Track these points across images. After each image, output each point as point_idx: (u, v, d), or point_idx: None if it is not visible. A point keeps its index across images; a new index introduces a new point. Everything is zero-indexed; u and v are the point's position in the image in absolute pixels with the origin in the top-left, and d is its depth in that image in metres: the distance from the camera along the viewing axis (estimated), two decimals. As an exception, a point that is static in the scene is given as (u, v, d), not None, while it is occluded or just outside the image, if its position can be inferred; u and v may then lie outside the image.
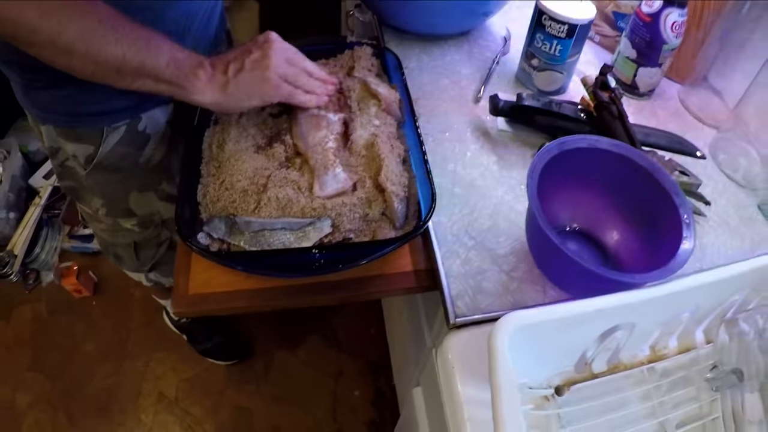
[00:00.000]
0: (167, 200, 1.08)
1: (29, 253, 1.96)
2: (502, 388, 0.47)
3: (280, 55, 0.75)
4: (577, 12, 0.87)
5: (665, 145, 0.86)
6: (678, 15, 0.88)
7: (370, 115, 0.82)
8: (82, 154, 0.93)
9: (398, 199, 0.71)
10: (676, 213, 0.64)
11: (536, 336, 0.54)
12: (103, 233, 1.15)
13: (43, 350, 1.84)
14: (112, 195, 1.02)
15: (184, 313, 0.73)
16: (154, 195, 1.06)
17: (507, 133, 0.88)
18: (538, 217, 0.59)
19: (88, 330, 1.88)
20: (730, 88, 0.94)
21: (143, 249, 1.18)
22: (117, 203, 1.04)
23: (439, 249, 0.70)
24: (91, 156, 0.92)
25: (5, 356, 1.83)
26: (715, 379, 0.65)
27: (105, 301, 1.96)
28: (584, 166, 0.70)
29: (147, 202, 1.06)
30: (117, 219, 1.08)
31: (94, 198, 1.03)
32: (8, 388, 1.74)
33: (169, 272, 1.27)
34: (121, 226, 1.09)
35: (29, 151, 2.21)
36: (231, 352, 1.80)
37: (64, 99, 0.85)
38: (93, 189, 1.01)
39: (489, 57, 1.05)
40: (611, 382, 0.65)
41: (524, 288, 0.68)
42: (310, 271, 0.68)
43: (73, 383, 1.75)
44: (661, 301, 0.58)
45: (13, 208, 2.02)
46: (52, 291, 1.98)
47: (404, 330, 1.23)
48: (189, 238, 0.68)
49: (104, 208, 1.05)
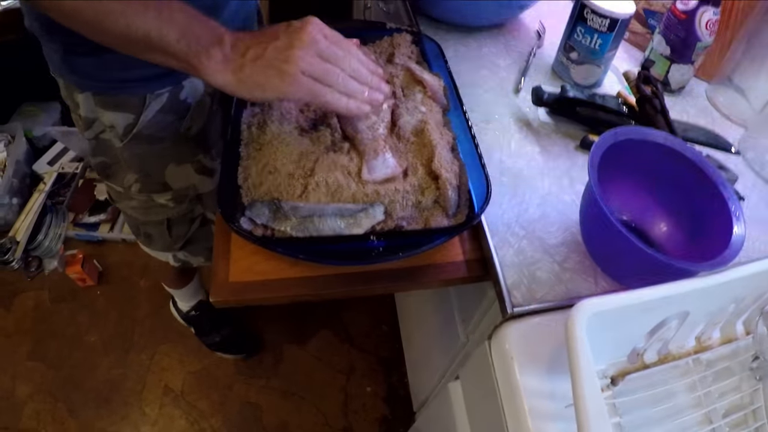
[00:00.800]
0: (203, 173, 1.06)
1: (32, 240, 1.93)
2: (583, 375, 0.48)
3: (309, 47, 0.65)
4: (618, 7, 0.87)
5: (702, 140, 0.87)
6: (713, 13, 0.89)
7: (416, 102, 0.81)
8: (121, 124, 0.90)
9: (452, 186, 0.70)
10: (725, 205, 0.65)
11: (599, 325, 0.54)
12: (135, 211, 1.11)
13: (44, 339, 1.82)
14: (148, 168, 0.99)
15: (225, 302, 0.70)
16: (191, 167, 1.03)
17: (548, 124, 0.88)
18: (603, 206, 0.59)
19: (92, 320, 1.86)
20: (756, 87, 0.96)
21: (176, 225, 1.16)
22: (153, 177, 1.01)
23: (491, 239, 0.70)
24: (131, 125, 0.90)
25: (6, 345, 1.80)
26: (758, 368, 0.66)
27: (110, 291, 1.94)
28: (634, 158, 0.70)
29: (183, 174, 1.03)
30: (151, 194, 1.05)
31: (128, 173, 1.00)
32: (8, 376, 1.72)
33: (199, 251, 1.26)
34: (155, 202, 1.07)
35: (34, 137, 2.19)
36: (240, 346, 1.78)
37: (109, 63, 0.81)
38: (129, 162, 0.98)
39: (524, 49, 1.05)
40: (661, 372, 0.66)
41: (576, 278, 0.68)
42: (369, 259, 0.67)
43: (75, 374, 1.73)
44: (714, 290, 0.60)
45: (17, 193, 2.00)
46: (55, 279, 1.95)
47: (428, 325, 1.22)
48: (236, 224, 0.67)
49: (138, 184, 1.02)
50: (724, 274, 0.60)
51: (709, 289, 0.59)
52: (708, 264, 0.59)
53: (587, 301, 0.52)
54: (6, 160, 2.01)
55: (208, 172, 1.07)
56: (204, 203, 1.15)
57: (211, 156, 1.06)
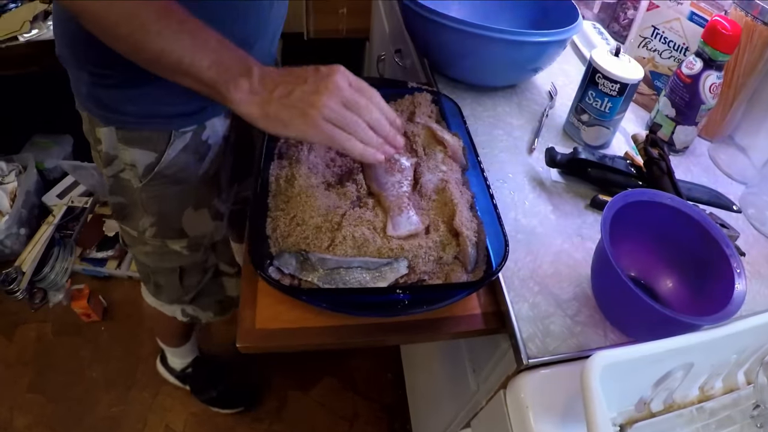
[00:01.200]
0: (218, 219, 1.08)
1: (38, 272, 1.97)
2: (599, 423, 0.52)
3: (334, 95, 0.69)
4: (628, 71, 0.94)
5: (706, 200, 0.92)
6: (716, 77, 0.96)
7: (437, 161, 0.87)
8: (142, 163, 0.91)
9: (471, 243, 0.76)
10: (727, 263, 0.70)
11: (610, 376, 0.59)
12: (148, 257, 1.12)
13: (45, 372, 1.83)
14: (166, 211, 1.01)
15: (251, 348, 0.73)
16: (208, 213, 1.05)
17: (560, 183, 0.94)
18: (614, 265, 0.64)
19: (95, 355, 1.88)
20: (756, 145, 1.02)
21: (189, 275, 1.16)
22: (169, 221, 1.02)
23: (508, 293, 0.75)
24: (152, 164, 0.91)
25: (6, 375, 1.82)
26: (759, 416, 0.71)
27: (114, 327, 1.96)
28: (642, 217, 0.76)
29: (200, 220, 1.05)
30: (166, 240, 1.06)
31: (144, 216, 1.01)
32: (6, 407, 1.73)
33: (209, 305, 1.26)
34: (169, 248, 1.07)
35: (45, 168, 2.24)
36: (237, 399, 1.77)
37: (136, 98, 0.84)
38: (146, 204, 0.98)
39: (537, 109, 1.12)
40: (666, 421, 0.70)
41: (587, 332, 0.73)
42: (395, 311, 0.72)
43: (75, 408, 1.75)
44: (717, 342, 0.64)
45: (25, 224, 2.05)
46: (59, 312, 1.98)
47: (436, 374, 1.26)
48: (265, 273, 0.71)
49: (153, 228, 1.03)
50: (726, 328, 0.64)
51: (713, 342, 0.63)
52: (711, 318, 0.64)
53: (600, 354, 0.57)
54: (16, 189, 2.05)
55: (220, 216, 1.10)
56: (218, 253, 1.16)
57: (222, 200, 1.08)
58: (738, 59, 1.00)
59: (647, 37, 1.14)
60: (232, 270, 1.28)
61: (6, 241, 1.97)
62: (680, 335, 0.62)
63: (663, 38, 1.12)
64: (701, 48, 0.96)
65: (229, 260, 1.26)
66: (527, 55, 1.04)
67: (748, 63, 1.00)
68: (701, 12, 1.04)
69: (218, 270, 1.21)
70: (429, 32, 1.06)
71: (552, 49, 1.04)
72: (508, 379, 0.73)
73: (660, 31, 1.12)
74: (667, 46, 1.12)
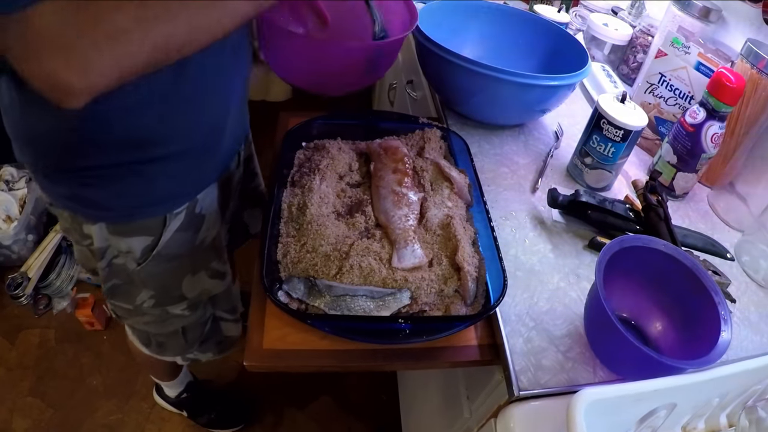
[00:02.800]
0: (217, 277, 1.09)
1: (44, 278, 2.02)
2: None
3: None
4: (632, 118, 1.00)
5: (700, 246, 0.98)
6: (718, 127, 1.01)
7: (443, 197, 0.94)
8: (138, 248, 0.91)
9: (471, 278, 0.82)
10: (714, 310, 0.76)
11: (596, 411, 0.64)
12: (147, 326, 1.12)
13: (46, 377, 1.88)
14: (165, 284, 1.01)
15: (257, 367, 0.77)
16: (205, 274, 1.06)
17: (561, 223, 1.00)
18: (606, 307, 0.70)
19: (96, 363, 1.93)
20: (755, 194, 1.07)
21: (191, 331, 1.17)
22: (169, 291, 1.03)
23: (504, 328, 0.81)
24: (149, 247, 0.92)
25: (7, 378, 1.87)
26: (741, 457, 0.76)
27: (116, 337, 2.01)
28: (637, 262, 0.82)
29: (199, 282, 1.06)
30: (166, 307, 1.06)
31: (142, 291, 1.01)
32: (6, 409, 1.79)
33: (210, 348, 1.29)
34: (170, 314, 1.08)
35: (56, 177, 2.27)
36: (236, 418, 1.80)
37: (122, 191, 0.83)
38: (144, 282, 0.99)
39: (542, 149, 1.18)
40: None
41: (577, 368, 0.79)
42: (396, 340, 0.78)
43: (73, 415, 1.79)
44: (701, 385, 0.69)
45: (33, 230, 2.10)
46: (62, 319, 2.04)
47: (430, 398, 1.31)
48: (274, 296, 0.77)
49: (152, 300, 1.03)
50: (710, 372, 0.69)
51: (696, 385, 0.69)
52: (695, 363, 0.70)
53: (587, 390, 0.62)
54: (26, 196, 2.11)
55: (220, 275, 1.11)
56: (215, 303, 1.18)
57: (223, 260, 1.10)
58: (742, 110, 1.06)
59: (654, 84, 1.21)
60: (230, 316, 1.29)
61: (14, 246, 2.03)
62: (665, 377, 0.67)
63: (669, 85, 1.18)
64: (705, 98, 1.01)
65: (229, 308, 1.26)
66: (536, 97, 1.11)
67: (751, 114, 1.06)
68: (708, 62, 1.10)
69: (215, 316, 1.22)
70: (442, 69, 1.13)
71: (560, 92, 1.11)
72: (500, 408, 0.78)
73: (667, 78, 1.18)
74: (672, 94, 1.18)
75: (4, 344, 1.96)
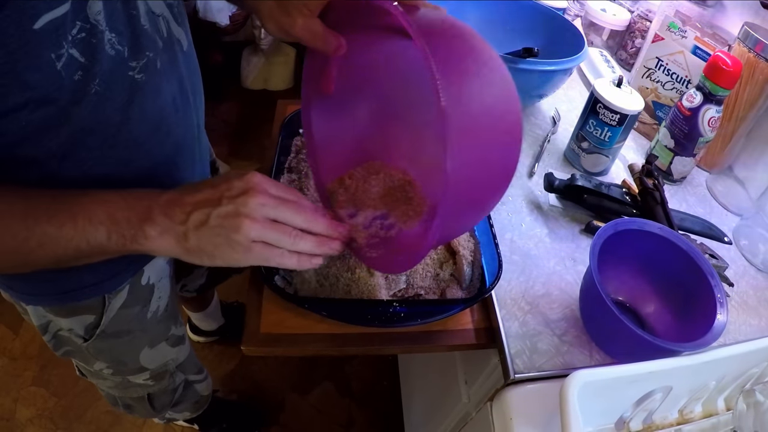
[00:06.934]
0: (180, 344, 1.06)
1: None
2: None
3: (257, 212, 0.58)
4: (628, 102, 1.00)
5: (698, 230, 0.98)
6: (715, 111, 1.01)
7: (439, 183, 0.94)
8: (80, 326, 0.85)
9: (467, 262, 0.83)
10: (711, 293, 0.76)
11: (590, 394, 0.65)
12: (111, 389, 1.07)
13: (49, 366, 1.89)
14: (120, 359, 0.96)
15: (255, 351, 0.77)
16: (166, 344, 1.02)
17: (557, 208, 1.00)
18: (600, 291, 0.70)
19: (99, 353, 1.94)
20: (753, 178, 1.07)
21: (158, 398, 1.12)
22: (126, 363, 0.98)
23: (500, 311, 0.81)
24: (92, 325, 0.85)
25: (11, 367, 1.88)
26: (737, 441, 0.76)
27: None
28: (632, 245, 0.82)
29: (159, 354, 1.01)
30: (127, 377, 1.01)
31: (97, 361, 0.95)
32: (11, 398, 1.80)
33: (185, 408, 1.27)
34: (132, 383, 1.03)
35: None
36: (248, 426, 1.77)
37: (53, 277, 0.76)
38: (96, 355, 0.93)
39: (539, 134, 1.18)
40: None
41: (573, 351, 0.79)
42: (391, 323, 0.78)
43: (77, 403, 1.80)
44: (696, 368, 0.70)
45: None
46: (66, 311, 2.03)
47: (430, 384, 1.32)
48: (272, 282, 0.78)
49: (110, 370, 0.98)
50: (705, 355, 0.70)
51: (691, 367, 0.69)
52: (690, 345, 0.70)
53: (580, 372, 0.63)
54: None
55: (182, 340, 1.07)
56: (185, 369, 1.14)
57: (180, 323, 1.05)
58: (739, 94, 1.06)
59: (651, 68, 1.21)
60: (200, 377, 1.27)
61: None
62: (660, 359, 0.67)
63: (666, 70, 1.18)
64: (702, 82, 1.01)
65: (196, 370, 1.24)
66: (533, 83, 1.10)
67: (748, 98, 1.06)
68: (704, 46, 1.10)
69: (188, 381, 1.18)
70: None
71: (557, 77, 1.11)
72: (496, 392, 0.79)
73: (664, 62, 1.18)
74: (670, 78, 1.18)
75: (7, 334, 1.97)
